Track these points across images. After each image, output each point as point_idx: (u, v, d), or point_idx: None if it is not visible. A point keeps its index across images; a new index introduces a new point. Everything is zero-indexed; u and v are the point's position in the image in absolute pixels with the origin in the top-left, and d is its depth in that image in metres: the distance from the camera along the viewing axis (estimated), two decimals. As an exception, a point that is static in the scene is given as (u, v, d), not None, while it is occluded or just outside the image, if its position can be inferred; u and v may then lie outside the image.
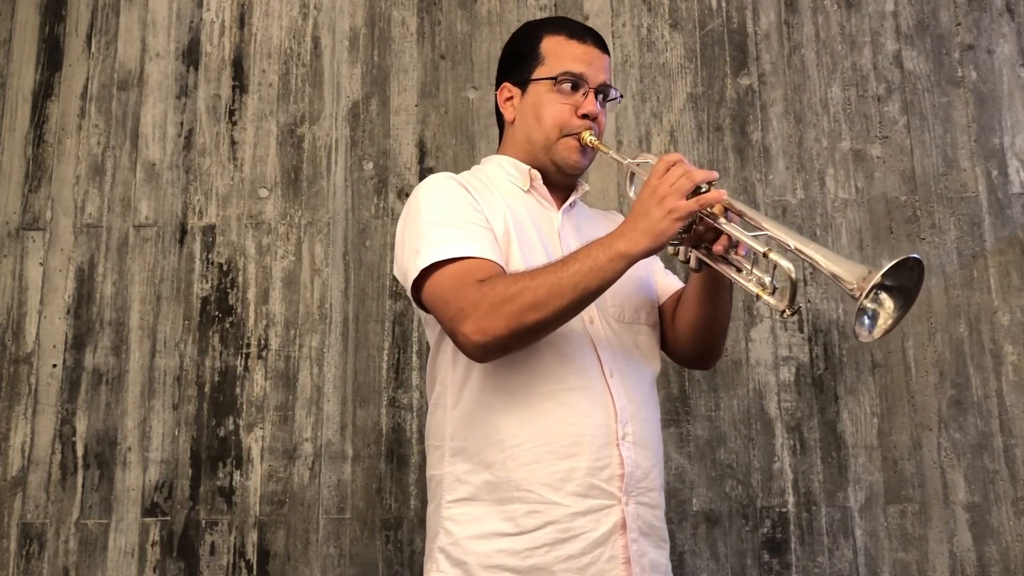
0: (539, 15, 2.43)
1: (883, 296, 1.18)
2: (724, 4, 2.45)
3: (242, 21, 2.46)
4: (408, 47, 2.44)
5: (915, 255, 1.15)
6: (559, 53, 1.48)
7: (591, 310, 1.40)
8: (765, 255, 1.22)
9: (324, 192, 2.35)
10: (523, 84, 1.51)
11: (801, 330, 2.25)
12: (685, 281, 1.56)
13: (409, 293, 1.39)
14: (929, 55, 2.40)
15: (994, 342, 2.24)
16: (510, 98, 1.54)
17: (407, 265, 1.38)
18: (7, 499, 2.18)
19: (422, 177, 2.35)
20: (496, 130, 2.40)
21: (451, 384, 1.42)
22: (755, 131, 2.37)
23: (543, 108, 1.48)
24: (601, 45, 1.52)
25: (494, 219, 1.40)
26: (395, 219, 2.32)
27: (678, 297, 1.53)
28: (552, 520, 1.31)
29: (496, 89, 1.58)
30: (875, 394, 2.22)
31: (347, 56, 2.43)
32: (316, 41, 2.44)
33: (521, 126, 1.52)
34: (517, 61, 1.53)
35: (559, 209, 1.52)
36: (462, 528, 1.35)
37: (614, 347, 1.42)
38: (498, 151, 1.59)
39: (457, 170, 2.35)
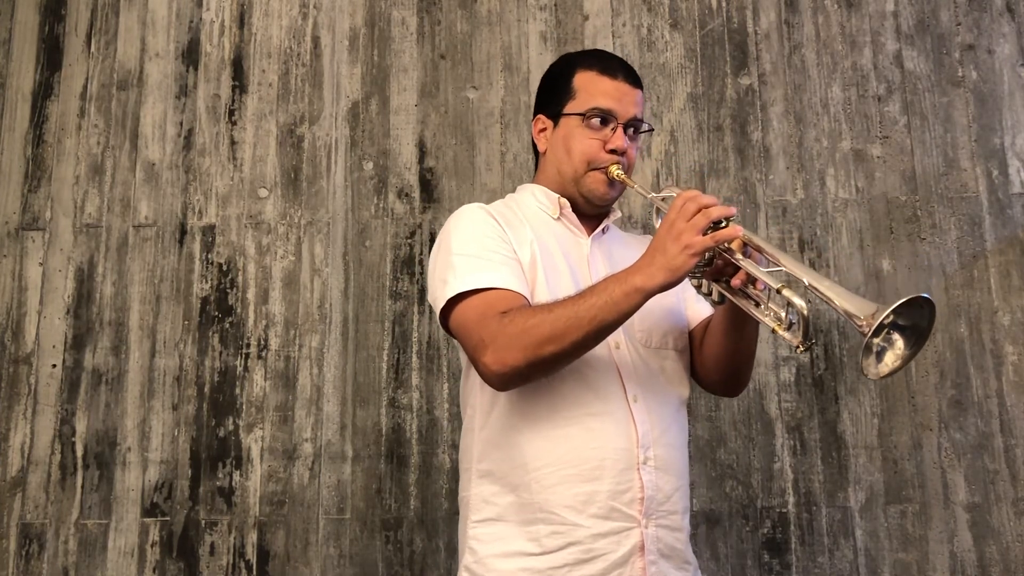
0: (539, 15, 2.43)
1: (895, 335, 1.20)
2: (724, 4, 2.45)
3: (242, 21, 2.45)
4: (408, 47, 2.43)
5: (926, 295, 1.17)
6: (590, 88, 1.52)
7: (618, 335, 1.44)
8: (779, 291, 1.25)
9: (324, 192, 2.35)
10: (555, 117, 1.55)
11: (801, 330, 2.25)
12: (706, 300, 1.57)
13: (439, 321, 1.44)
14: (929, 55, 2.40)
15: (994, 342, 2.23)
16: (543, 130, 1.58)
17: (436, 294, 1.43)
18: (7, 499, 2.18)
19: (422, 177, 2.35)
20: (496, 129, 2.42)
21: (479, 408, 1.46)
22: (755, 131, 2.37)
23: (572, 142, 1.52)
24: (633, 80, 1.56)
25: (521, 248, 1.44)
26: (395, 219, 2.32)
27: (707, 324, 1.56)
28: (574, 541, 1.34)
29: (532, 119, 1.62)
30: (875, 394, 2.21)
31: (347, 56, 2.43)
32: (316, 41, 2.44)
33: (552, 158, 1.56)
34: (551, 94, 1.58)
35: (590, 236, 1.55)
36: (486, 547, 1.39)
37: (640, 372, 1.45)
38: (533, 179, 1.63)
39: (456, 170, 2.38)
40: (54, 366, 2.25)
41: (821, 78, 2.40)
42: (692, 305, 1.61)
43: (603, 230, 1.57)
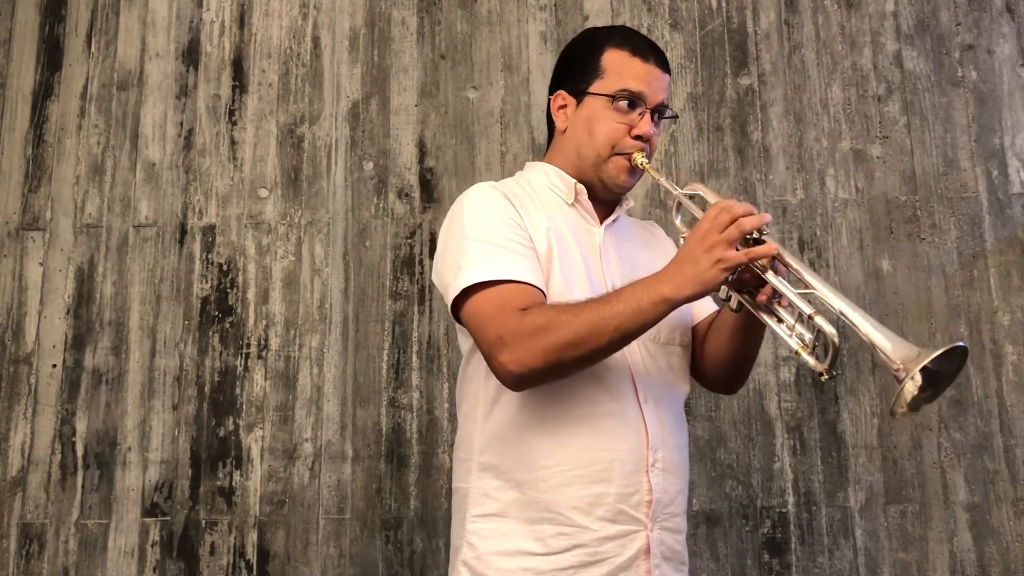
0: (539, 15, 2.43)
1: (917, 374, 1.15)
2: (724, 4, 2.45)
3: (242, 21, 2.45)
4: (408, 47, 2.43)
5: (962, 343, 1.12)
6: (620, 69, 1.44)
7: None
8: (811, 317, 1.21)
9: (324, 192, 2.35)
10: (579, 95, 1.47)
11: (801, 330, 2.25)
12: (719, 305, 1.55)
13: (448, 307, 1.38)
14: (929, 55, 2.40)
15: (994, 342, 2.24)
16: (564, 106, 1.50)
17: (447, 280, 1.37)
18: (7, 499, 2.18)
19: (422, 177, 2.35)
20: (496, 129, 2.42)
21: (483, 398, 1.40)
22: (755, 131, 2.37)
23: (597, 124, 1.45)
24: (663, 64, 1.48)
25: (537, 235, 1.39)
26: (395, 219, 2.32)
27: (711, 321, 1.52)
28: (580, 543, 1.32)
29: (551, 94, 1.54)
30: (875, 394, 2.21)
31: (347, 56, 2.43)
32: (316, 41, 2.44)
33: (572, 138, 1.48)
34: (576, 70, 1.49)
35: (602, 224, 1.50)
36: (487, 543, 1.35)
37: (649, 370, 1.42)
38: (544, 158, 1.56)
39: (456, 170, 2.38)
40: (54, 366, 2.25)
41: (821, 78, 2.40)
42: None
43: (614, 220, 1.52)
